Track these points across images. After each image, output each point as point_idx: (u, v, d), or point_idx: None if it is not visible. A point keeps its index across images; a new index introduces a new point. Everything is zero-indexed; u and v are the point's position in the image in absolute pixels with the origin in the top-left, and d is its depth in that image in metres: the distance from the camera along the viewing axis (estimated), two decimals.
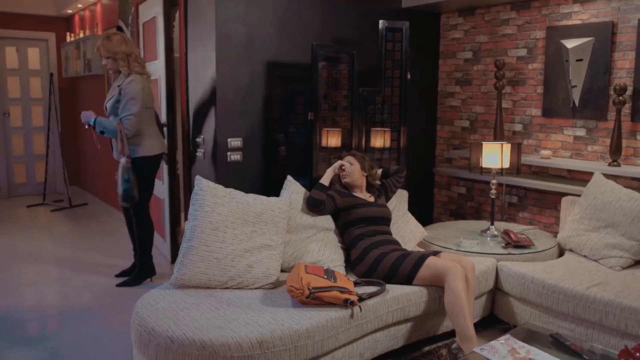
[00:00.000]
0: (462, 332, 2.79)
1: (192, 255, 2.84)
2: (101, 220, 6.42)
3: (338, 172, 3.47)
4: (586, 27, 3.97)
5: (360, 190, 3.49)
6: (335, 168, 3.45)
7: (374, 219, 3.31)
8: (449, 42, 4.96)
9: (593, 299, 2.89)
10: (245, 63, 3.88)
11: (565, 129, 4.18)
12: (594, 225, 3.46)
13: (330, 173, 3.42)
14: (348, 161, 3.50)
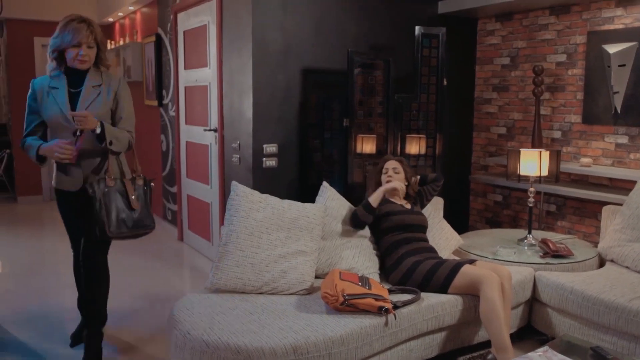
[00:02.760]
0: (497, 342, 2.74)
1: (228, 259, 2.87)
2: None
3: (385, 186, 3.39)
4: (629, 31, 3.87)
5: (398, 197, 3.46)
6: (388, 190, 3.36)
7: (410, 227, 3.28)
8: (485, 48, 4.91)
9: (636, 311, 2.80)
10: (281, 69, 3.91)
11: (607, 136, 4.08)
12: (637, 235, 3.36)
13: (381, 194, 3.31)
14: (394, 167, 3.46)
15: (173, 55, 5.53)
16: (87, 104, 2.86)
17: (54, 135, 2.87)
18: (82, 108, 2.83)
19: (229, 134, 4.31)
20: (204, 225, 5.02)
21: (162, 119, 6.03)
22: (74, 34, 2.78)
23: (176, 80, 5.47)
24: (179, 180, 5.54)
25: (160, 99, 6.01)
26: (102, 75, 2.98)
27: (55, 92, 2.84)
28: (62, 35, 2.81)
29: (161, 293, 4.17)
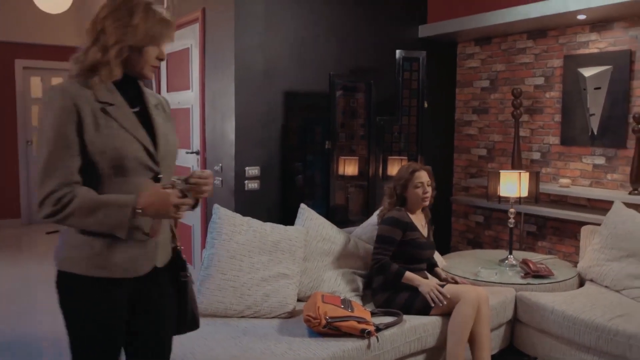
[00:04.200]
0: (451, 357, 2.77)
1: (209, 283, 2.85)
2: None
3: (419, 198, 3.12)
4: (604, 55, 3.97)
5: (418, 213, 3.22)
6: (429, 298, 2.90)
7: (420, 261, 3.16)
8: (465, 71, 4.99)
9: (616, 331, 2.83)
10: (263, 92, 3.93)
11: (584, 157, 4.15)
12: (615, 255, 3.40)
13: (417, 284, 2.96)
14: (428, 182, 3.16)
15: (155, 78, 5.53)
16: (165, 136, 1.84)
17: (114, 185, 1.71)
18: (163, 143, 1.81)
19: (211, 157, 4.31)
20: (186, 249, 4.96)
21: None
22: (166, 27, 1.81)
23: None
24: None
25: None
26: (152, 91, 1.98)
27: (115, 113, 1.73)
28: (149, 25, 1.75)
29: None
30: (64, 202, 1.60)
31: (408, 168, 3.20)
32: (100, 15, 1.72)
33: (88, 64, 1.71)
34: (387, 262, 3.00)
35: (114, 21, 1.70)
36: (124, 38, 1.70)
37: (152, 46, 1.76)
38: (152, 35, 1.74)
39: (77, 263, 1.67)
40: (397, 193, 3.17)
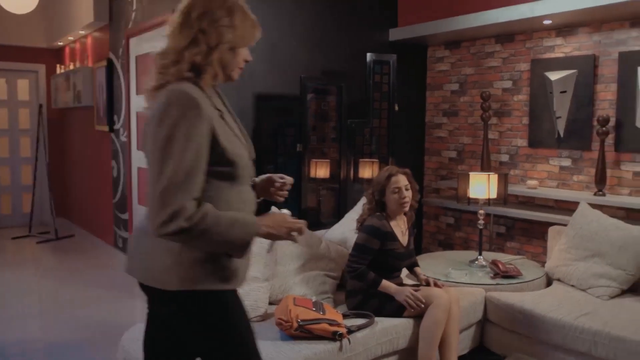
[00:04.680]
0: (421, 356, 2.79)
1: None
2: (88, 252, 6.36)
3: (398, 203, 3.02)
4: (569, 60, 4.06)
5: (399, 219, 3.13)
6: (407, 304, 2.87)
7: (397, 270, 3.15)
8: (435, 75, 5.05)
9: (582, 329, 2.89)
10: (234, 95, 3.91)
11: (551, 159, 4.24)
12: (581, 254, 3.48)
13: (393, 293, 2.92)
14: (405, 185, 3.07)
15: (125, 81, 5.47)
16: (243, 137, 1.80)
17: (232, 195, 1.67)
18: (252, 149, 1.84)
19: None
20: None
21: (113, 144, 5.93)
22: (257, 28, 1.79)
23: (128, 105, 5.40)
24: (131, 207, 5.43)
25: (112, 124, 5.91)
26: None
27: (228, 119, 1.72)
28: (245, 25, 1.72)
29: (111, 323, 4.05)
30: (197, 218, 1.49)
31: (385, 172, 3.11)
32: (193, 16, 1.62)
33: (186, 67, 1.61)
34: (363, 270, 2.97)
35: (214, 21, 1.63)
36: (225, 39, 1.64)
37: (244, 48, 1.72)
38: (246, 37, 1.71)
39: (206, 280, 1.59)
40: (376, 199, 3.08)
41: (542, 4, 3.74)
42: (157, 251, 1.59)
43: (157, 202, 1.48)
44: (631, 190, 3.81)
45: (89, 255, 6.19)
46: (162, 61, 1.62)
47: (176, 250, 1.57)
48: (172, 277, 1.57)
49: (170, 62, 1.61)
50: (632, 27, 3.75)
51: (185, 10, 1.64)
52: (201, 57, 1.61)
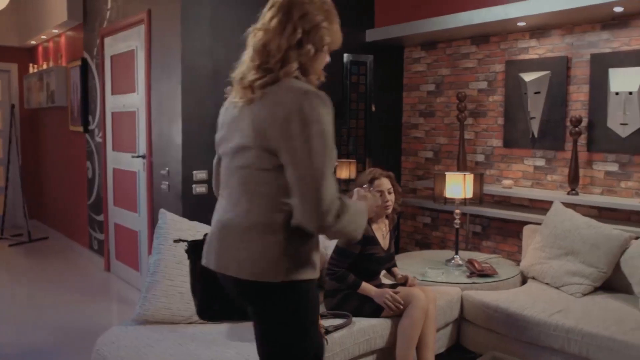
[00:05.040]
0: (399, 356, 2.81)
1: (156, 290, 2.79)
2: (62, 255, 6.26)
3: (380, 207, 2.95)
4: (542, 61, 4.12)
5: (380, 222, 3.11)
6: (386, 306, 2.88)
7: (376, 273, 3.14)
8: (412, 75, 5.08)
9: (555, 326, 2.93)
10: (211, 95, 3.90)
11: (526, 159, 4.29)
12: (555, 253, 3.53)
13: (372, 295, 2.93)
14: (388, 190, 3.03)
15: (100, 80, 5.40)
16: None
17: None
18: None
19: (157, 161, 4.23)
20: (132, 255, 4.87)
21: (88, 145, 5.85)
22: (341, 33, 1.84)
23: (103, 105, 5.33)
24: (106, 208, 5.37)
25: (86, 124, 5.83)
26: None
27: None
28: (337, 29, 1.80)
29: (86, 327, 3.99)
30: (342, 208, 1.61)
31: (368, 175, 3.09)
32: (295, 17, 1.67)
33: (295, 66, 1.68)
34: (343, 273, 2.96)
35: (316, 24, 1.70)
36: (325, 42, 1.73)
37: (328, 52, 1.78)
38: (337, 41, 1.79)
39: (307, 270, 1.68)
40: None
41: (516, 6, 3.79)
42: (261, 246, 1.64)
43: (313, 196, 1.56)
44: (603, 190, 3.88)
45: (63, 258, 6.10)
46: (265, 58, 1.67)
47: (282, 244, 1.63)
48: (279, 269, 1.63)
49: (277, 61, 1.65)
50: (603, 29, 3.82)
51: (285, 10, 1.69)
52: (306, 58, 1.68)
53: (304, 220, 1.59)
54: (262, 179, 1.65)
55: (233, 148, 1.71)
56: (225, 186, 1.79)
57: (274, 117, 1.60)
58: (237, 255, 1.67)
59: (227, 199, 1.75)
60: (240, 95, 1.69)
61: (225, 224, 1.73)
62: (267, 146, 1.61)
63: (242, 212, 1.67)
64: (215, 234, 1.76)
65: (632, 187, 3.74)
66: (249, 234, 1.66)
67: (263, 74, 1.65)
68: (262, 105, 1.62)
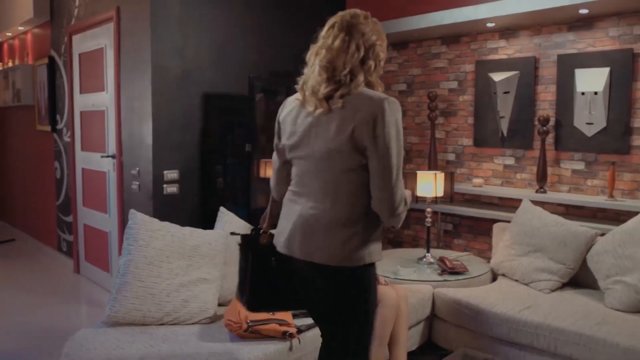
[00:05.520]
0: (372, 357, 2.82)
1: (126, 291, 2.76)
2: (30, 257, 6.13)
3: None
4: (511, 61, 4.18)
5: None
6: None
7: None
8: (384, 75, 5.07)
9: (524, 322, 2.99)
10: (181, 95, 3.86)
11: (496, 157, 4.36)
12: (524, 250, 3.59)
13: None
14: None
15: (67, 79, 5.30)
16: None
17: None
18: None
19: (128, 161, 4.18)
20: (102, 256, 4.80)
21: (56, 145, 5.74)
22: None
23: (71, 104, 5.24)
24: (75, 209, 5.28)
25: (54, 124, 5.72)
26: None
27: None
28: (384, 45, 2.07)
29: (55, 331, 3.92)
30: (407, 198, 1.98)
31: None
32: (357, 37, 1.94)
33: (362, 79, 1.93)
34: None
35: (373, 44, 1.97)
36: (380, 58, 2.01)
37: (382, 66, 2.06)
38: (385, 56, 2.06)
39: (377, 253, 1.98)
40: None
41: (485, 7, 3.84)
42: (345, 237, 1.91)
43: (391, 187, 1.87)
44: (570, 188, 3.96)
45: (31, 260, 5.97)
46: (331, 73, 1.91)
47: (360, 235, 1.92)
48: (358, 256, 1.91)
49: (345, 75, 1.90)
50: (569, 30, 3.90)
51: (346, 31, 1.95)
52: (369, 72, 1.95)
53: (381, 208, 1.90)
54: (346, 179, 1.91)
55: (317, 151, 1.94)
56: (302, 185, 2.02)
57: (360, 121, 1.85)
58: (323, 245, 1.92)
59: (309, 197, 1.98)
60: (316, 106, 1.93)
61: (309, 219, 1.96)
62: (356, 146, 1.87)
63: (326, 208, 1.93)
64: (299, 227, 1.98)
65: (598, 185, 3.82)
66: (333, 227, 1.91)
67: (336, 86, 1.90)
68: (345, 112, 1.87)
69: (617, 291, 3.11)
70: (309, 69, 1.99)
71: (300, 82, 2.04)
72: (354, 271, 1.93)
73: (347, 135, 1.86)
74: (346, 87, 1.89)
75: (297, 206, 2.01)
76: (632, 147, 3.66)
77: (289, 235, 2.01)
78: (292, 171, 2.09)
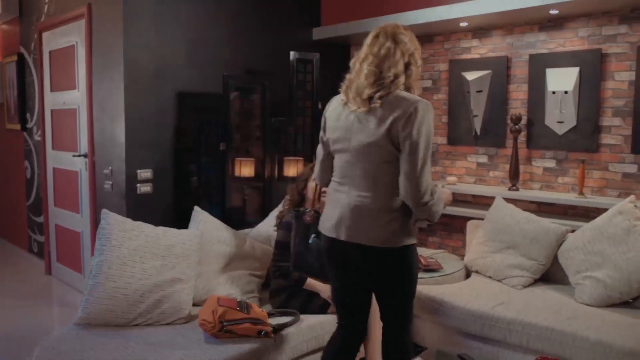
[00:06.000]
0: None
1: (99, 292, 2.72)
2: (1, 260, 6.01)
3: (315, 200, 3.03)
4: (484, 60, 4.23)
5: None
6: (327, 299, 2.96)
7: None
8: None
9: (497, 318, 3.03)
10: (155, 93, 3.82)
11: (469, 156, 4.40)
12: (497, 247, 3.64)
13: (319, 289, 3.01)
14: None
15: (38, 77, 5.21)
16: None
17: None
18: None
19: (100, 160, 4.12)
20: (75, 257, 4.72)
21: (26, 143, 5.63)
22: None
23: (41, 102, 5.14)
24: (46, 209, 5.18)
25: (24, 122, 5.61)
26: None
27: None
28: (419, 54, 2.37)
29: (26, 333, 3.85)
30: (435, 190, 2.21)
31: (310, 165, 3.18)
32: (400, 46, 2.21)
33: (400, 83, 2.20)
34: (288, 269, 2.98)
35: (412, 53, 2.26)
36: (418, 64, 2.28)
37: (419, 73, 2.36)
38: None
39: (411, 237, 2.26)
40: (299, 191, 3.16)
41: (459, 7, 3.87)
42: (386, 222, 2.19)
43: (415, 178, 2.12)
44: (542, 185, 4.02)
45: (0, 262, 5.85)
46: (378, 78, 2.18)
47: (399, 220, 2.20)
48: (400, 237, 2.21)
49: (389, 79, 2.17)
50: (541, 31, 3.96)
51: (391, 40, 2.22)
52: (409, 78, 2.24)
53: (407, 196, 2.15)
54: (385, 170, 2.18)
55: (358, 145, 2.21)
56: (344, 175, 2.29)
57: (396, 118, 2.12)
58: (368, 229, 2.20)
59: (351, 186, 2.25)
60: (359, 105, 2.19)
61: (355, 206, 2.23)
62: (392, 140, 2.14)
63: (369, 196, 2.20)
64: (347, 214, 2.24)
65: (569, 182, 3.89)
66: (376, 213, 2.19)
67: (378, 88, 2.17)
68: (384, 111, 2.15)
69: (586, 286, 3.17)
70: (354, 74, 2.25)
71: (344, 85, 2.30)
72: (395, 252, 2.22)
73: (384, 130, 2.13)
74: (387, 89, 2.16)
75: (342, 195, 2.28)
76: (601, 145, 3.74)
77: (337, 221, 2.27)
78: (335, 163, 2.35)
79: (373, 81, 2.17)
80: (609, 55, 3.67)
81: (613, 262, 3.12)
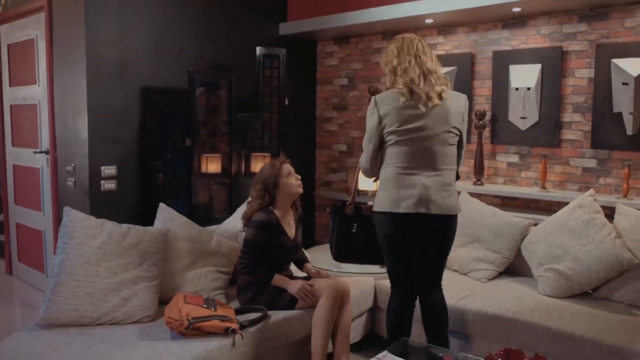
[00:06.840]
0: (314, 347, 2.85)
1: (61, 291, 2.66)
2: None
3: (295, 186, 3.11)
4: (449, 57, 4.28)
5: (286, 212, 3.15)
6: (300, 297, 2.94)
7: (285, 263, 3.17)
8: (325, 69, 5.12)
9: (463, 310, 3.08)
10: (118, 88, 3.75)
11: None
12: (463, 241, 3.69)
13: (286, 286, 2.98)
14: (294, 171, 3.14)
15: None
16: None
17: None
18: None
19: (62, 156, 4.03)
20: (37, 256, 4.62)
21: None
22: None
23: (0, 98, 5.00)
24: (6, 207, 5.05)
25: None
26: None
27: None
28: None
29: None
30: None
31: (275, 162, 3.13)
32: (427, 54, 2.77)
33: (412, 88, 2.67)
34: (254, 266, 2.98)
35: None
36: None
37: None
38: None
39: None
40: (270, 191, 3.05)
41: (424, 4, 3.91)
42: (453, 194, 2.70)
43: (463, 153, 2.82)
44: (505, 180, 4.10)
45: None
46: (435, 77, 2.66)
47: (456, 192, 2.73)
48: (459, 206, 2.74)
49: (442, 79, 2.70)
50: (504, 28, 4.03)
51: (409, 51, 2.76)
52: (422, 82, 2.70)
53: (459, 166, 2.81)
54: (451, 152, 2.68)
55: (431, 133, 2.61)
56: (414, 161, 2.63)
57: (457, 111, 2.68)
58: (443, 200, 2.64)
59: (423, 168, 2.63)
60: (424, 102, 2.60)
61: (430, 184, 2.62)
62: (456, 129, 2.68)
63: (441, 175, 2.64)
64: (425, 190, 2.62)
65: (531, 177, 3.98)
66: (447, 188, 2.66)
67: (442, 87, 2.65)
68: (446, 106, 2.63)
69: (548, 278, 3.25)
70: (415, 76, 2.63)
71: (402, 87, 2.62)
72: (456, 218, 2.74)
73: (452, 120, 2.64)
74: (446, 87, 2.67)
75: (415, 177, 2.63)
76: (562, 140, 3.83)
77: (417, 199, 2.61)
78: (399, 151, 2.64)
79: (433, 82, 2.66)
80: (569, 52, 3.76)
81: (573, 254, 3.20)
